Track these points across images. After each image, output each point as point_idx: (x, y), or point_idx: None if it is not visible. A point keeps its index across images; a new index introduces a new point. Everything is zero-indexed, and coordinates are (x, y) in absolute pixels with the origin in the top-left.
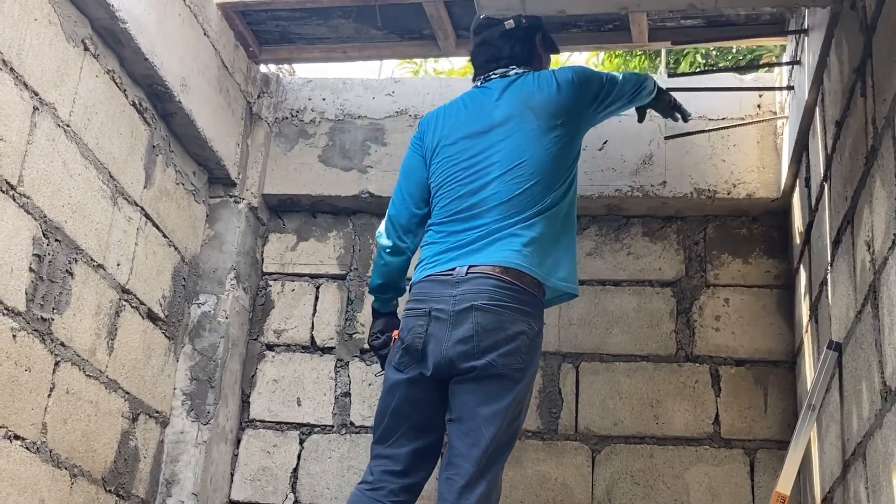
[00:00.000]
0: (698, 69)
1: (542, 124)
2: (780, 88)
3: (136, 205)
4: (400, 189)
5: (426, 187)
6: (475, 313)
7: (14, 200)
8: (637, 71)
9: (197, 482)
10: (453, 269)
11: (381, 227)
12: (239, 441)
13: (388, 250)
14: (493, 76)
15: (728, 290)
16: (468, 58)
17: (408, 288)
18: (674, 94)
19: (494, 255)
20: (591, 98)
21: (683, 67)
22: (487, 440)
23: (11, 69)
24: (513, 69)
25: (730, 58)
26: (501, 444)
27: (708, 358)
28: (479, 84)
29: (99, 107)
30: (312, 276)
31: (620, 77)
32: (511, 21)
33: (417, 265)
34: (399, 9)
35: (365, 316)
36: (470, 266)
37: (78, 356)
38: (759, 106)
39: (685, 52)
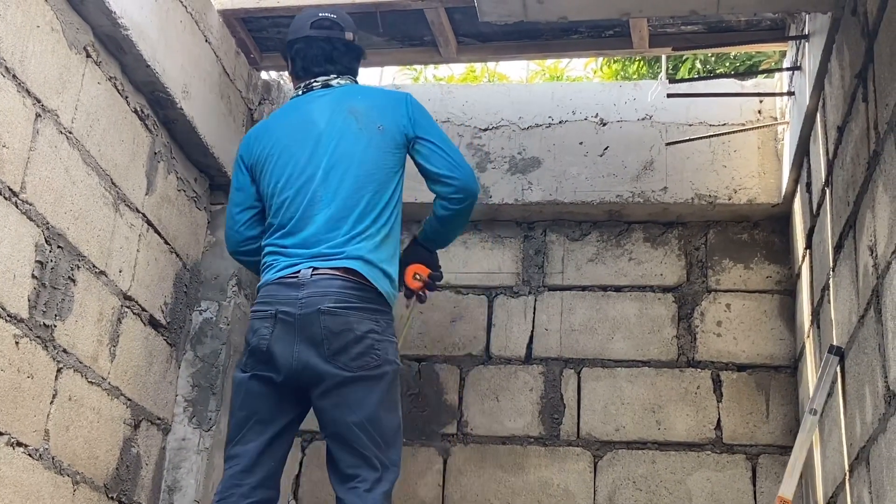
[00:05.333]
0: (697, 76)
1: (363, 127)
2: (781, 94)
3: (138, 211)
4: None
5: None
6: (322, 317)
7: (17, 207)
8: None
9: (199, 489)
10: (298, 272)
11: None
12: None
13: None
14: (314, 84)
15: (729, 295)
16: (467, 64)
17: (256, 291)
18: (675, 100)
19: (336, 256)
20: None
21: (682, 73)
22: (372, 445)
23: (14, 76)
24: (334, 78)
25: (727, 63)
26: (387, 440)
27: (710, 363)
28: (300, 93)
29: (101, 113)
30: None
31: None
32: (351, 34)
33: (263, 269)
34: (400, 15)
35: None
36: (314, 269)
37: (80, 363)
38: (759, 112)
39: (684, 58)
